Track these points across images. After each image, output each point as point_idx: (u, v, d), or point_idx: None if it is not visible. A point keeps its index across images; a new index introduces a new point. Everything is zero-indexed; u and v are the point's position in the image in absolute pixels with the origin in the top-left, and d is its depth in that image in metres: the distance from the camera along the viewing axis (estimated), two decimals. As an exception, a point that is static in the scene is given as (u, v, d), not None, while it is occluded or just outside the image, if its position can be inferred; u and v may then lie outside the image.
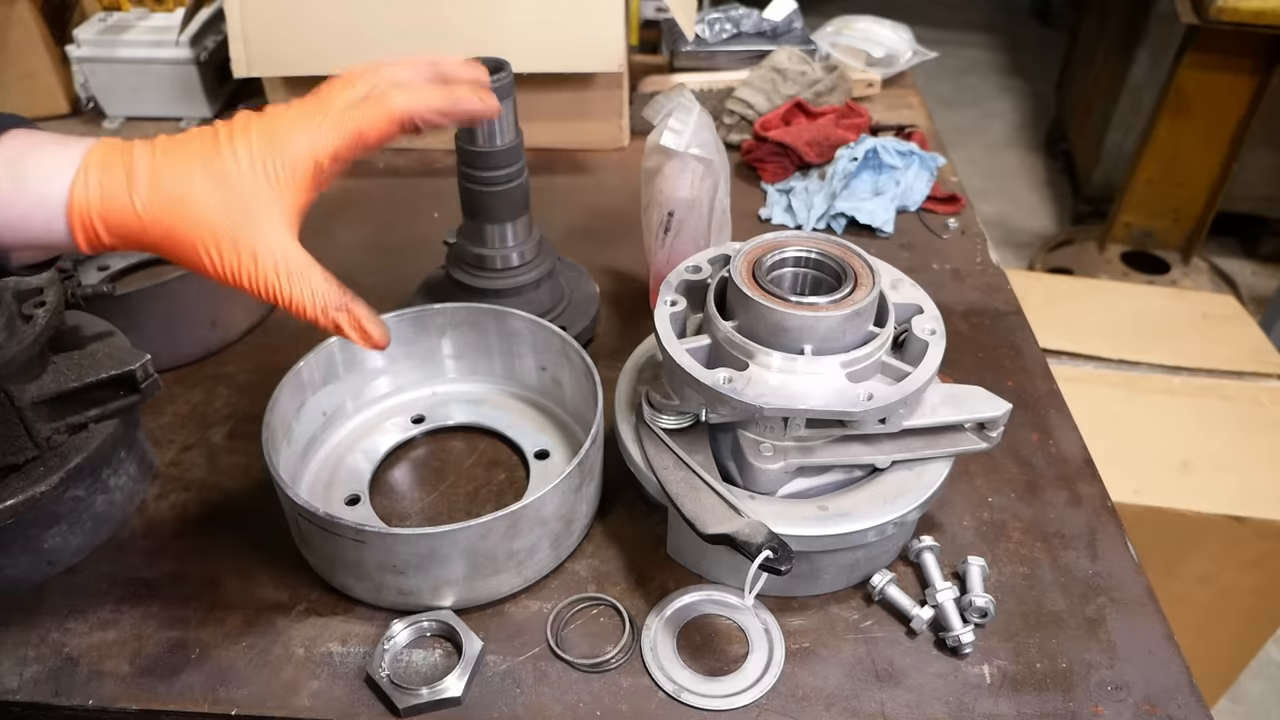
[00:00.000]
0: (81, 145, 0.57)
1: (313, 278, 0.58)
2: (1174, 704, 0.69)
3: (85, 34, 1.42)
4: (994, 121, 4.18)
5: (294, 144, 0.58)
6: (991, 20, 5.14)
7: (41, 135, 0.57)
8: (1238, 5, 2.31)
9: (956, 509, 0.84)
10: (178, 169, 0.57)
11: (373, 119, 0.59)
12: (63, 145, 0.57)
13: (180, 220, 0.56)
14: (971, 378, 0.94)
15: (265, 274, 0.57)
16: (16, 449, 0.72)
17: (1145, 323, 1.70)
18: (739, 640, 0.74)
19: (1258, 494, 1.35)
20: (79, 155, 0.56)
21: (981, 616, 0.74)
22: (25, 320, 0.72)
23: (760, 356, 0.69)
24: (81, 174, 0.56)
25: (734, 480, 0.75)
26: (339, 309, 0.59)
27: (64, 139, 0.57)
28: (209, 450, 0.90)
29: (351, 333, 0.60)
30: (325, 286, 0.59)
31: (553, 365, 0.90)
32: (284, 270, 0.57)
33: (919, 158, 1.28)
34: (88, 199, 0.55)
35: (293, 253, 0.58)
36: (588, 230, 1.24)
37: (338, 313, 0.59)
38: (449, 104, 0.62)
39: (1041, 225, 3.45)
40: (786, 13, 1.57)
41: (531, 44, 1.25)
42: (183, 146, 0.58)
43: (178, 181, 0.56)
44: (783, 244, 0.75)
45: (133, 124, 1.49)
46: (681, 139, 0.90)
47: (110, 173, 0.56)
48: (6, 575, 0.76)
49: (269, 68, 1.31)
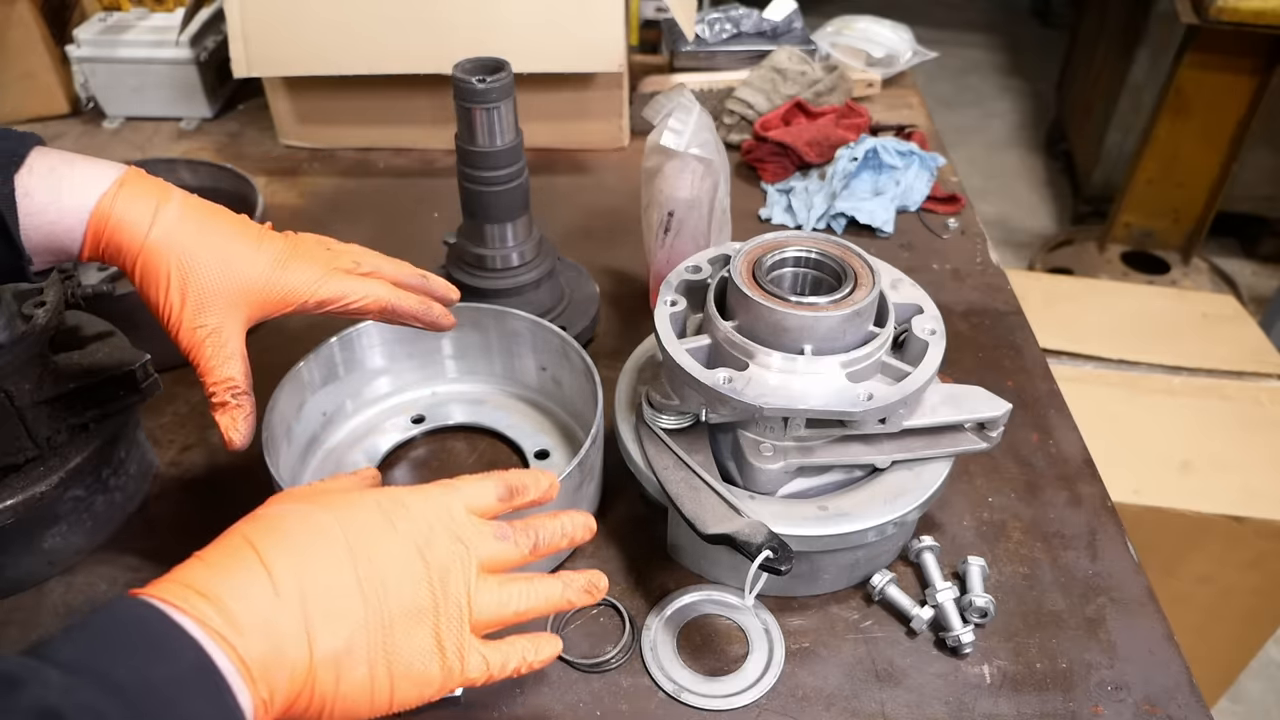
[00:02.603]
0: (115, 167, 0.62)
1: (237, 364, 0.63)
2: (1174, 704, 0.69)
3: (85, 34, 1.42)
4: (994, 121, 4.18)
5: (302, 273, 0.65)
6: (991, 20, 5.13)
7: (70, 154, 0.62)
8: (1238, 5, 2.31)
9: (956, 509, 0.84)
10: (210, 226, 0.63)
11: (362, 294, 0.68)
12: (94, 163, 0.62)
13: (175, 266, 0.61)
14: (971, 378, 0.94)
15: (205, 339, 0.62)
16: (16, 449, 0.72)
17: (1145, 323, 1.69)
18: (739, 640, 0.74)
19: (1258, 494, 1.35)
20: (114, 174, 0.61)
21: (981, 616, 0.74)
22: (25, 320, 0.72)
23: (760, 356, 0.69)
24: (113, 189, 0.60)
25: (734, 480, 0.75)
26: (237, 395, 0.63)
27: (93, 159, 0.62)
28: (209, 450, 0.90)
29: (226, 420, 0.64)
30: (241, 376, 0.64)
31: (553, 365, 0.90)
32: (221, 344, 0.62)
33: (919, 158, 1.28)
34: (110, 214, 0.60)
35: (236, 339, 0.63)
36: (588, 230, 1.24)
37: (233, 397, 0.63)
38: (422, 312, 0.72)
39: (1041, 225, 3.45)
40: (786, 13, 1.57)
41: (531, 44, 1.25)
42: (221, 213, 0.65)
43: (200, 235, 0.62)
44: (783, 244, 0.75)
45: (132, 124, 1.49)
46: (681, 139, 0.90)
47: (138, 197, 0.61)
48: (6, 575, 0.76)
49: (269, 68, 1.31)
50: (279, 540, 0.49)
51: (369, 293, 0.68)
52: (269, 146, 1.43)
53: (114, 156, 0.65)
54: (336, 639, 0.47)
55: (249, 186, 1.08)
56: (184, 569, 0.47)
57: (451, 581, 0.52)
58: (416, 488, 0.56)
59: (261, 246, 0.64)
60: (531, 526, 0.58)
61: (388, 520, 0.52)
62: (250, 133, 1.47)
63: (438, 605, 0.51)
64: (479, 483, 0.58)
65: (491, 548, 0.55)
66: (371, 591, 0.49)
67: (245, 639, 0.44)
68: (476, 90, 0.84)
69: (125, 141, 1.45)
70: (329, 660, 0.47)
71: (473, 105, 0.85)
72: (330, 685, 0.47)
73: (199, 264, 0.61)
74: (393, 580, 0.50)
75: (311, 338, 0.85)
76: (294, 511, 0.51)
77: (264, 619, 0.45)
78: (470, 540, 0.54)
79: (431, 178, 1.36)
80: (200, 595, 0.45)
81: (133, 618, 0.43)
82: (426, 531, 0.53)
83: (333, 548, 0.49)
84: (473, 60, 0.86)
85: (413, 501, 0.54)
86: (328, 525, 0.50)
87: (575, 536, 0.61)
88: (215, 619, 0.44)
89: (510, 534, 0.56)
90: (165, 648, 0.43)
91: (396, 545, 0.51)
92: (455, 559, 0.53)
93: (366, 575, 0.49)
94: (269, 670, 0.45)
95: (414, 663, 0.50)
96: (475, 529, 0.55)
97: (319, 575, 0.48)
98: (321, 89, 1.35)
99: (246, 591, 0.46)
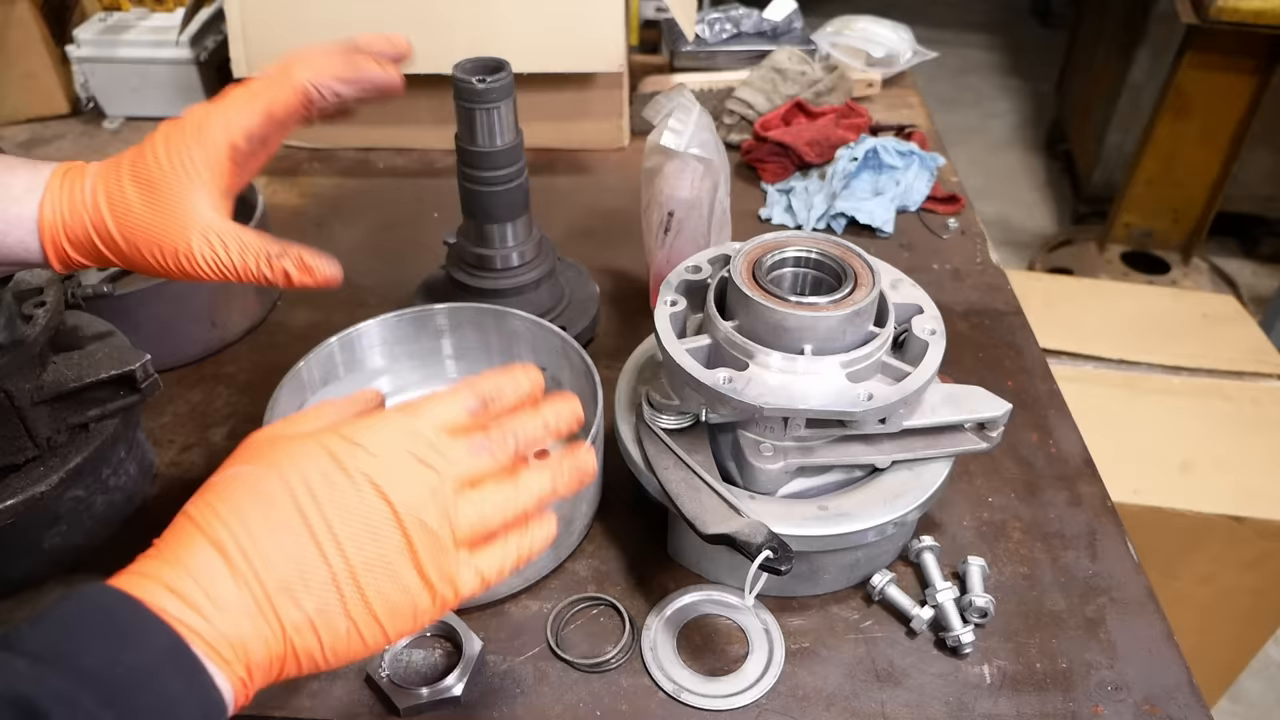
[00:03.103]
0: (47, 167, 0.61)
1: (245, 238, 0.61)
2: (1174, 704, 0.69)
3: (85, 34, 1.42)
4: (994, 121, 4.18)
5: (206, 132, 0.61)
6: (991, 20, 5.13)
7: (10, 159, 0.61)
8: (1238, 5, 2.31)
9: (956, 509, 0.84)
10: (111, 180, 0.61)
11: (276, 92, 0.63)
12: (31, 168, 0.61)
13: (124, 228, 0.60)
14: (971, 378, 0.94)
15: (203, 254, 0.60)
16: (16, 449, 0.72)
17: (1145, 323, 1.69)
18: (739, 640, 0.74)
19: (1258, 494, 1.35)
20: (44, 177, 0.60)
21: (981, 616, 0.74)
22: (25, 320, 0.72)
23: (760, 356, 0.69)
24: (47, 195, 0.59)
25: (734, 480, 0.75)
26: (280, 255, 0.61)
27: (33, 162, 0.61)
28: (209, 450, 0.90)
29: (299, 274, 0.62)
30: (259, 242, 0.61)
31: (553, 365, 0.90)
32: (218, 244, 0.60)
33: (919, 158, 1.28)
34: (53, 218, 0.59)
35: (220, 226, 0.60)
36: (588, 230, 1.24)
37: (280, 259, 0.61)
38: (351, 72, 0.66)
39: (1041, 225, 3.45)
40: (786, 13, 1.57)
41: (531, 44, 1.25)
42: (116, 160, 0.62)
43: (114, 191, 0.60)
44: (783, 244, 0.75)
45: (133, 124, 1.49)
46: (681, 139, 0.90)
47: (69, 192, 0.60)
48: (6, 575, 0.76)
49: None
50: (226, 515, 0.47)
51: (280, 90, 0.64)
52: (269, 146, 1.43)
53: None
54: (304, 606, 0.46)
55: (249, 186, 1.08)
56: (140, 561, 0.46)
57: (425, 511, 0.49)
58: (376, 415, 0.53)
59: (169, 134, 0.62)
60: (508, 428, 0.54)
61: (339, 467, 0.49)
62: (250, 133, 1.47)
63: (413, 541, 0.49)
64: (446, 399, 0.54)
65: (466, 464, 0.51)
66: (331, 549, 0.47)
67: (208, 623, 0.44)
68: (476, 90, 0.84)
69: (125, 141, 1.45)
70: (302, 626, 0.46)
71: (473, 105, 0.85)
72: (313, 645, 0.46)
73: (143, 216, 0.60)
74: (352, 531, 0.48)
75: (312, 338, 0.85)
76: (240, 477, 0.49)
77: (223, 600, 0.44)
78: (439, 463, 0.50)
79: (431, 178, 1.36)
80: (158, 584, 0.44)
81: (100, 605, 0.43)
82: (387, 467, 0.49)
83: (282, 512, 0.47)
84: (473, 60, 0.86)
85: (369, 437, 0.50)
86: (274, 488, 0.48)
87: (559, 428, 0.56)
88: (177, 607, 0.43)
89: (486, 444, 0.53)
90: (135, 633, 0.42)
91: (351, 493, 0.48)
92: (424, 487, 0.49)
93: (322, 533, 0.47)
94: (239, 650, 0.44)
95: (399, 602, 0.48)
96: (445, 448, 0.51)
97: (271, 544, 0.46)
98: (321, 89, 1.34)
99: (201, 575, 0.45)
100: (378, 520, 0.48)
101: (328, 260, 0.63)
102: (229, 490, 0.48)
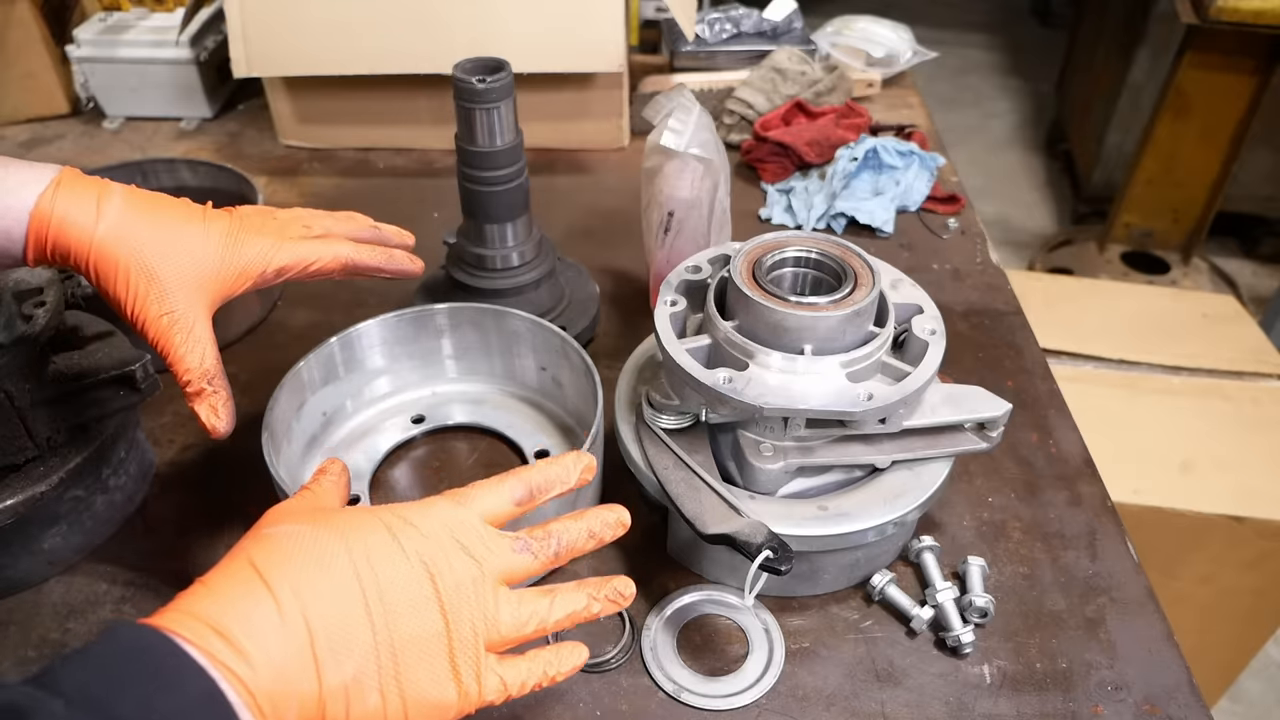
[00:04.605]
0: (50, 168, 0.61)
1: (207, 349, 0.63)
2: (1174, 704, 0.69)
3: (85, 34, 1.42)
4: (994, 121, 4.18)
5: (255, 245, 0.65)
6: (991, 20, 5.13)
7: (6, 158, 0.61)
8: (1238, 5, 2.31)
9: (956, 509, 0.84)
10: (156, 215, 0.62)
11: (321, 255, 0.68)
12: (31, 165, 0.61)
13: (130, 258, 0.60)
14: (971, 378, 0.94)
15: (171, 326, 0.61)
16: (16, 449, 0.72)
17: (1145, 323, 1.69)
18: (739, 640, 0.74)
19: (1258, 494, 1.35)
20: (49, 174, 0.60)
21: (981, 616, 0.74)
22: (25, 320, 0.72)
23: (760, 356, 0.69)
24: (50, 190, 0.60)
25: (734, 480, 0.75)
26: (212, 381, 0.63)
27: (24, 161, 0.61)
28: (209, 450, 0.90)
29: (205, 409, 0.64)
30: (213, 361, 0.63)
31: (553, 365, 0.90)
32: (189, 330, 0.62)
33: (919, 158, 1.28)
34: (51, 213, 0.59)
35: (203, 323, 0.63)
36: (588, 230, 1.24)
37: (208, 383, 0.63)
38: (385, 262, 0.72)
39: (1041, 225, 3.45)
40: (786, 13, 1.57)
41: (531, 44, 1.25)
42: (163, 200, 0.64)
43: (148, 225, 0.61)
44: (783, 244, 0.75)
45: (132, 124, 1.49)
46: (681, 139, 0.90)
47: (78, 195, 0.60)
48: (6, 575, 0.76)
49: (269, 68, 1.31)
50: (284, 565, 0.47)
51: (324, 253, 0.68)
52: (269, 146, 1.43)
53: (114, 156, 0.65)
54: (344, 669, 0.46)
55: (249, 186, 1.08)
56: (188, 596, 0.46)
57: (465, 602, 0.50)
58: (425, 502, 0.54)
59: (210, 227, 0.64)
60: (552, 533, 0.56)
61: (395, 542, 0.50)
62: (250, 133, 1.47)
63: (450, 629, 0.49)
64: (494, 488, 0.56)
65: (508, 561, 0.53)
66: (379, 618, 0.48)
67: (254, 671, 0.43)
68: (476, 90, 0.84)
69: (125, 142, 1.45)
70: (338, 690, 0.46)
71: (473, 105, 0.85)
72: (340, 713, 0.46)
73: (154, 253, 0.60)
74: (402, 606, 0.48)
75: (311, 337, 0.85)
76: (299, 533, 0.50)
77: (271, 649, 0.44)
78: (484, 556, 0.52)
79: (431, 178, 1.36)
80: (206, 625, 0.43)
81: (137, 646, 0.42)
82: (436, 551, 0.51)
83: (339, 574, 0.48)
84: (473, 60, 0.86)
85: (421, 519, 0.52)
86: (334, 550, 0.49)
87: (604, 536, 0.58)
88: (223, 650, 0.43)
89: (530, 545, 0.54)
90: (171, 677, 0.41)
91: (404, 568, 0.49)
92: (468, 578, 0.51)
93: (374, 602, 0.48)
94: (277, 702, 0.44)
95: (428, 688, 0.48)
96: (490, 543, 0.53)
97: (325, 603, 0.47)
98: (321, 89, 1.35)
99: (252, 620, 0.44)
100: (423, 599, 0.49)
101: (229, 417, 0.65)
102: (287, 541, 0.49)
